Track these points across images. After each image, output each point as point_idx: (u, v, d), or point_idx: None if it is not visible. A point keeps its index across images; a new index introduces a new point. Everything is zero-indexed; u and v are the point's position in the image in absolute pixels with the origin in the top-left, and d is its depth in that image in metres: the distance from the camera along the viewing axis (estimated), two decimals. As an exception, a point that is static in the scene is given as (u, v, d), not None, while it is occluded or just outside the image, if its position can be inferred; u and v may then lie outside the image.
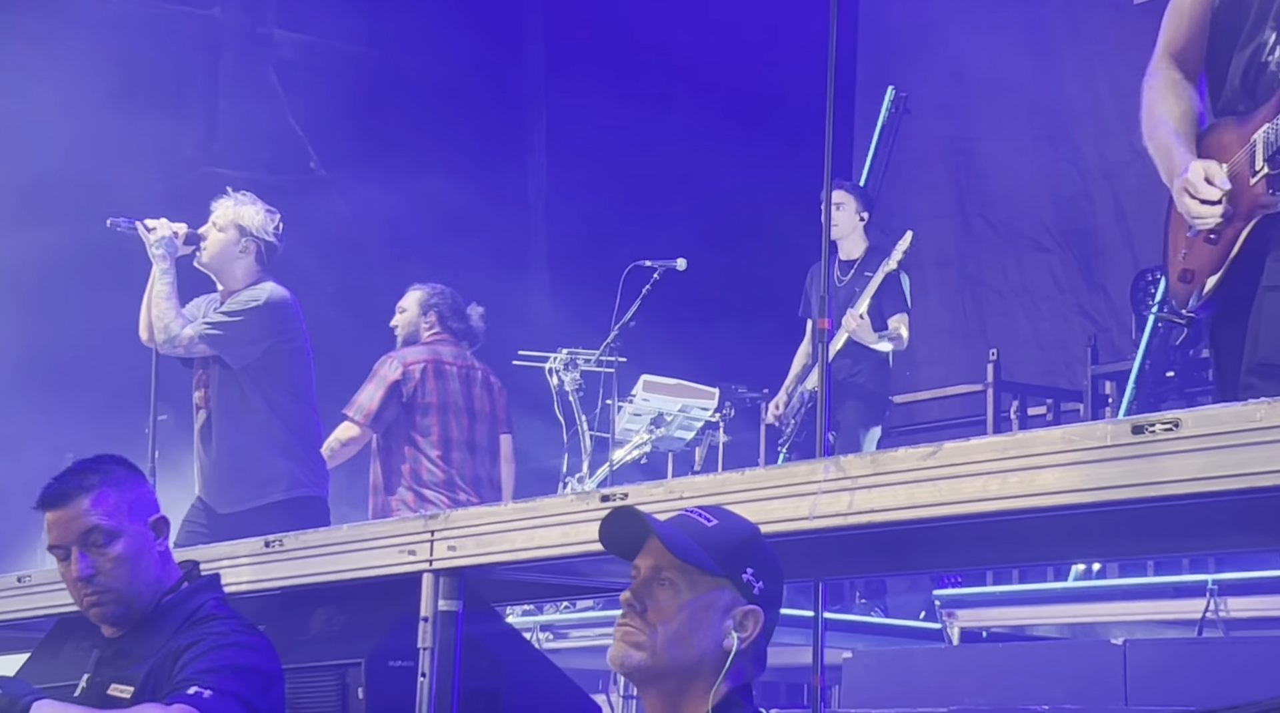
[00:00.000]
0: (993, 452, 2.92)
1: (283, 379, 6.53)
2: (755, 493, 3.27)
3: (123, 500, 3.61)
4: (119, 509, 3.59)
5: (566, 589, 4.47)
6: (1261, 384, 3.31)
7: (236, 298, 6.55)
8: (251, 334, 6.46)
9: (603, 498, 3.56)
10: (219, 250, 6.55)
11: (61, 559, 3.59)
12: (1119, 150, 10.39)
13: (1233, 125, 3.63)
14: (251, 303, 6.50)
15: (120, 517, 3.58)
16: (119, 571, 3.55)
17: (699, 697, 2.66)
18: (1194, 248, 3.67)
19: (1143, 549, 3.96)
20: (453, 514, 3.93)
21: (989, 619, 7.27)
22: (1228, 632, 6.24)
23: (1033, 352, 10.66)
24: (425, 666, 3.84)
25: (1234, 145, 3.58)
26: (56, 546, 3.59)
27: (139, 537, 3.58)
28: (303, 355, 6.59)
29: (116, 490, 3.61)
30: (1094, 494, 2.76)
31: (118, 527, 3.56)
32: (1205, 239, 3.62)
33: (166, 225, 6.49)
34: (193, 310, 6.65)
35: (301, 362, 6.59)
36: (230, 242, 6.55)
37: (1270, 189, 3.46)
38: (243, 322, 6.47)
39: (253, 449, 6.48)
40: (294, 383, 6.56)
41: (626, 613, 2.71)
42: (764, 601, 2.71)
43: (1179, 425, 2.65)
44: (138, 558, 3.57)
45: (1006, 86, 11.26)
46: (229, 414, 6.53)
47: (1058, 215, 10.90)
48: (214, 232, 6.57)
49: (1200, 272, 3.66)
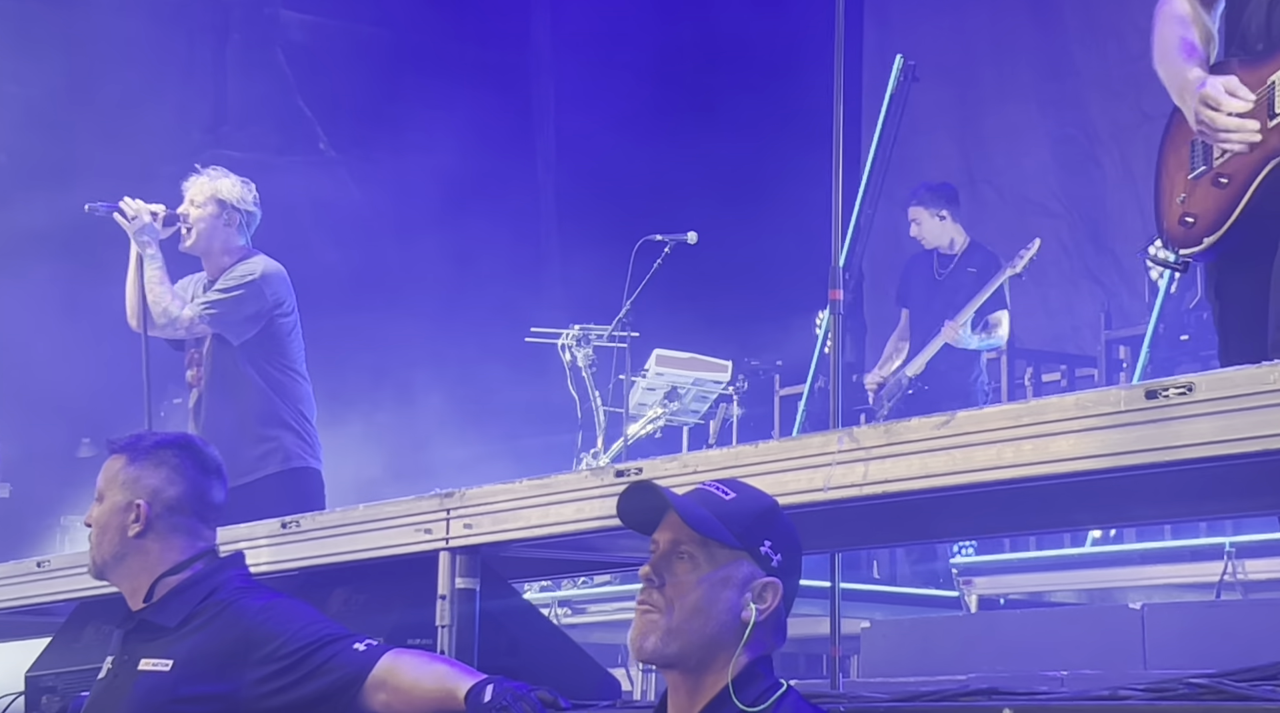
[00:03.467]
0: (1006, 420, 2.91)
1: (276, 352, 6.49)
2: (770, 465, 3.27)
3: (121, 474, 3.71)
4: (113, 480, 3.71)
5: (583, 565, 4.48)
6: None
7: (231, 274, 6.47)
8: (251, 309, 6.41)
9: (617, 473, 3.57)
10: (204, 228, 6.48)
11: None
12: (1127, 114, 10.36)
13: (1247, 65, 3.42)
14: (247, 277, 6.43)
15: (111, 487, 3.71)
16: (93, 533, 3.72)
17: (719, 670, 2.67)
18: (1196, 191, 3.47)
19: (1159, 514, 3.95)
20: (468, 492, 3.94)
21: (1006, 586, 7.27)
22: (1246, 594, 6.24)
23: (1041, 318, 10.65)
24: (443, 643, 3.86)
25: (1249, 86, 3.34)
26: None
27: (112, 511, 3.69)
28: (296, 327, 6.56)
29: (124, 464, 3.72)
30: (1108, 460, 2.75)
31: (104, 493, 3.72)
32: (1212, 183, 3.41)
33: (144, 208, 6.41)
34: (180, 291, 6.60)
35: (295, 334, 6.55)
36: (213, 216, 6.48)
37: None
38: (241, 297, 6.42)
39: (249, 423, 6.46)
40: (287, 355, 6.51)
41: (645, 588, 2.71)
42: (782, 572, 2.71)
43: (1192, 389, 2.65)
44: (104, 529, 3.69)
45: (1012, 52, 11.24)
46: (224, 390, 6.50)
47: (1065, 181, 10.88)
48: (194, 210, 6.48)
49: (1203, 217, 3.44)
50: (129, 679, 3.52)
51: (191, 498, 3.70)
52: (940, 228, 8.59)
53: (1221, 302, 3.54)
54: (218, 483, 3.78)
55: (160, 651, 3.51)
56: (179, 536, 3.67)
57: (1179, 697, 2.37)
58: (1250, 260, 3.40)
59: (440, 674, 3.34)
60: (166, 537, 3.66)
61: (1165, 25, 3.59)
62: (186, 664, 3.46)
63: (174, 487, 3.69)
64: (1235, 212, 3.37)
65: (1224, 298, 3.54)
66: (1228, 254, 3.46)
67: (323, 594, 4.25)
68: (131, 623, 3.64)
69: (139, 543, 3.65)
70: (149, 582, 3.63)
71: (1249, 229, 3.38)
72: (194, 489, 3.71)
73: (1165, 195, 3.60)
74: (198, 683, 3.43)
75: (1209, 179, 3.44)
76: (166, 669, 3.47)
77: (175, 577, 3.63)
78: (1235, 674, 2.42)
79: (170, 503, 3.68)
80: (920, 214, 8.63)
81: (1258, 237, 3.37)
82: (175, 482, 3.70)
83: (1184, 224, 3.50)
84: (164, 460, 3.72)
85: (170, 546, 3.66)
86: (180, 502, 3.69)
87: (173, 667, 3.47)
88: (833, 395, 4.90)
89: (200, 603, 3.57)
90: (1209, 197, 3.44)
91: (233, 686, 3.41)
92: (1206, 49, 3.57)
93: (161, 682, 3.45)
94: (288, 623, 3.47)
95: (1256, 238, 3.37)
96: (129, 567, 3.67)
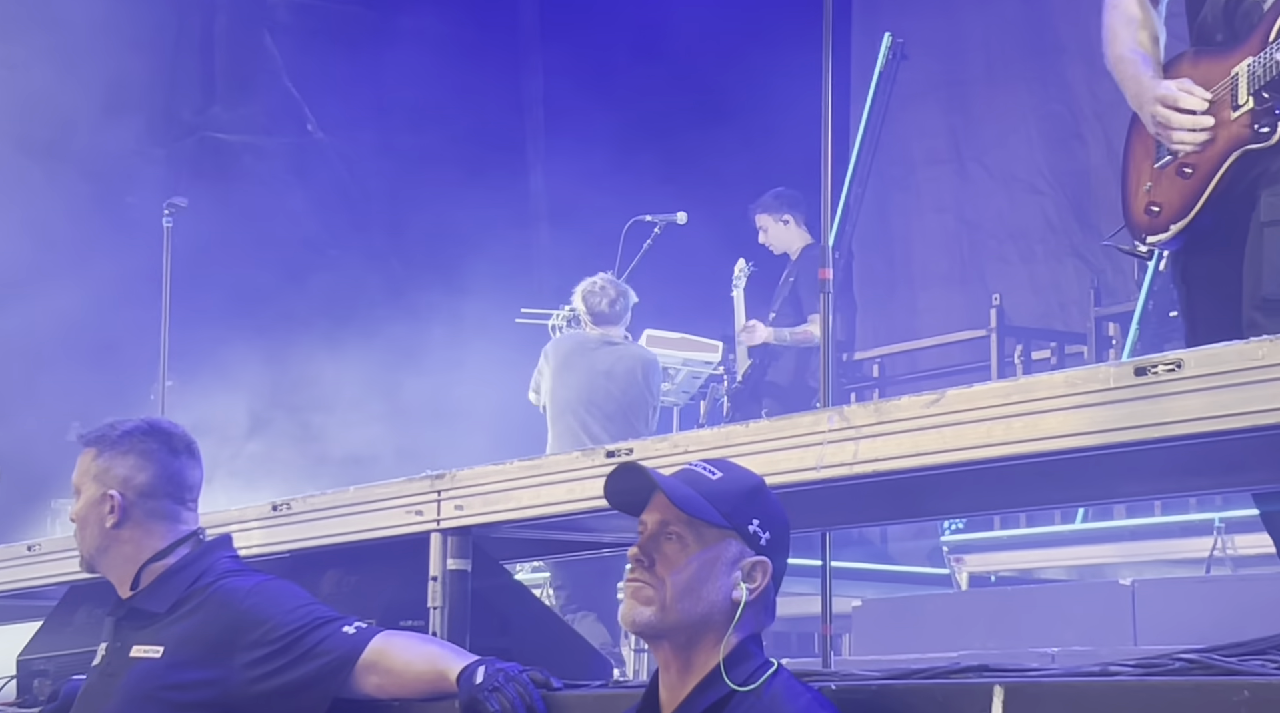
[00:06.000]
0: (995, 397, 2.92)
1: None
2: (760, 445, 3.27)
3: (92, 467, 3.69)
4: (86, 473, 3.70)
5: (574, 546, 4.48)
6: (1266, 321, 3.25)
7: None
8: None
9: (608, 454, 3.57)
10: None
11: None
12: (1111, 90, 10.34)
13: (1207, 55, 3.55)
14: None
15: (85, 480, 3.70)
16: (75, 528, 3.71)
17: (709, 649, 2.67)
18: (1162, 180, 3.59)
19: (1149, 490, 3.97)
20: (459, 473, 3.94)
21: (997, 564, 7.30)
22: (1236, 569, 6.26)
23: (1028, 296, 10.66)
24: (435, 625, 3.86)
25: (1211, 76, 3.49)
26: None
27: (89, 504, 3.67)
28: None
29: (93, 457, 3.70)
30: (1098, 437, 2.76)
31: (79, 487, 3.71)
32: (1177, 172, 3.54)
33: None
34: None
35: None
36: None
37: (1254, 124, 3.38)
38: None
39: None
40: None
41: (635, 569, 2.71)
42: (771, 551, 2.72)
43: (1181, 366, 2.65)
44: (83, 523, 3.68)
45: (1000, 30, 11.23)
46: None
47: (1050, 157, 10.89)
48: None
49: (1169, 205, 3.57)
50: (122, 667, 3.52)
51: (163, 481, 3.68)
52: (785, 232, 8.71)
53: (1188, 287, 3.64)
54: (190, 462, 3.74)
55: (151, 637, 3.51)
56: (157, 521, 3.66)
57: (1169, 672, 2.37)
58: (1216, 246, 3.51)
59: (432, 656, 3.34)
60: (145, 524, 3.65)
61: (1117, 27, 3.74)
62: (177, 650, 3.46)
63: (143, 473, 3.67)
64: (1201, 199, 3.50)
65: (1190, 283, 3.64)
66: (1194, 241, 3.58)
67: (314, 577, 4.25)
68: (122, 610, 3.64)
69: (118, 533, 3.64)
70: (134, 570, 3.63)
71: (1215, 215, 3.49)
72: (164, 472, 3.68)
73: (1131, 184, 3.72)
74: (188, 669, 3.42)
75: (1174, 168, 3.57)
76: (158, 656, 3.47)
77: (161, 563, 3.62)
78: (1224, 649, 2.43)
79: (142, 489, 3.66)
80: (766, 221, 8.80)
81: (1223, 223, 3.48)
82: (144, 468, 3.67)
83: (1149, 212, 3.63)
84: (131, 447, 3.69)
85: (150, 532, 3.65)
86: (152, 487, 3.67)
87: (163, 653, 3.46)
88: (823, 375, 4.89)
89: (189, 588, 3.56)
90: (1174, 185, 3.56)
91: (223, 671, 3.41)
92: (1156, 50, 3.70)
93: (153, 668, 3.45)
94: (277, 606, 3.47)
95: (1222, 224, 3.49)
96: (113, 558, 3.66)
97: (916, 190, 11.72)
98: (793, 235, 8.80)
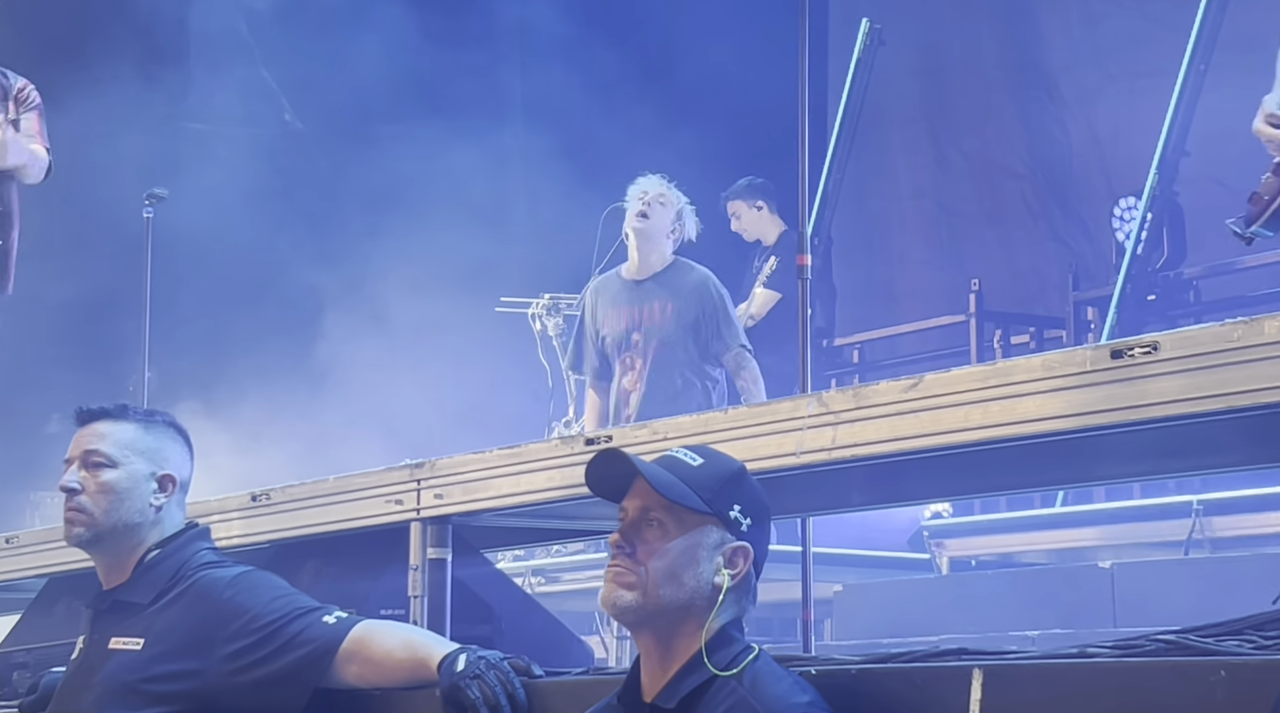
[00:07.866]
0: (973, 381, 2.93)
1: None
2: (740, 431, 3.28)
3: (139, 442, 3.64)
4: (129, 446, 3.63)
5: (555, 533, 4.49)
6: None
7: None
8: None
9: (588, 441, 3.57)
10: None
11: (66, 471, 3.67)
12: (1091, 77, 10.38)
13: None
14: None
15: (126, 453, 3.62)
16: (100, 498, 3.59)
17: (691, 634, 2.68)
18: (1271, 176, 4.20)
19: (1127, 473, 3.98)
20: (439, 462, 3.94)
21: (977, 548, 7.32)
22: (1214, 551, 6.29)
23: (1008, 281, 10.67)
24: (416, 614, 3.86)
25: None
26: (68, 459, 3.66)
27: (135, 478, 3.61)
28: None
29: (140, 432, 3.66)
30: (1076, 420, 2.77)
31: (118, 458, 3.61)
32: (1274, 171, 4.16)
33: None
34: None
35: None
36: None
37: None
38: None
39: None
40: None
41: (616, 555, 2.71)
42: (752, 536, 2.72)
43: (1157, 348, 2.67)
44: (123, 495, 3.59)
45: (977, 16, 11.24)
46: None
47: (1030, 143, 10.90)
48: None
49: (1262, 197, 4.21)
50: (101, 659, 3.50)
51: (190, 477, 3.71)
52: (759, 219, 8.73)
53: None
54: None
55: (130, 629, 3.49)
56: (180, 511, 3.68)
57: (1146, 653, 2.38)
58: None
59: (412, 644, 3.34)
60: (174, 512, 3.66)
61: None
62: (157, 642, 3.44)
63: (188, 465, 3.70)
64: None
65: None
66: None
67: (294, 566, 4.25)
68: (104, 603, 3.62)
69: (157, 514, 3.63)
70: (137, 557, 3.61)
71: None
72: (192, 468, 3.72)
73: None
74: (169, 661, 3.41)
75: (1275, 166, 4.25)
76: (138, 648, 3.45)
77: (156, 552, 3.61)
78: (1201, 630, 2.44)
79: (185, 481, 3.69)
80: (739, 207, 8.81)
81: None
82: (189, 459, 3.71)
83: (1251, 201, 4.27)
84: (177, 436, 3.71)
85: (174, 520, 3.65)
86: (188, 480, 3.70)
87: (144, 645, 3.45)
88: (801, 362, 4.90)
89: (171, 578, 3.55)
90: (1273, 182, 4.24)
91: (204, 662, 3.40)
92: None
93: (133, 660, 3.43)
94: (257, 597, 3.46)
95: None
96: (129, 539, 3.60)
97: (895, 176, 11.73)
98: (766, 222, 8.80)
